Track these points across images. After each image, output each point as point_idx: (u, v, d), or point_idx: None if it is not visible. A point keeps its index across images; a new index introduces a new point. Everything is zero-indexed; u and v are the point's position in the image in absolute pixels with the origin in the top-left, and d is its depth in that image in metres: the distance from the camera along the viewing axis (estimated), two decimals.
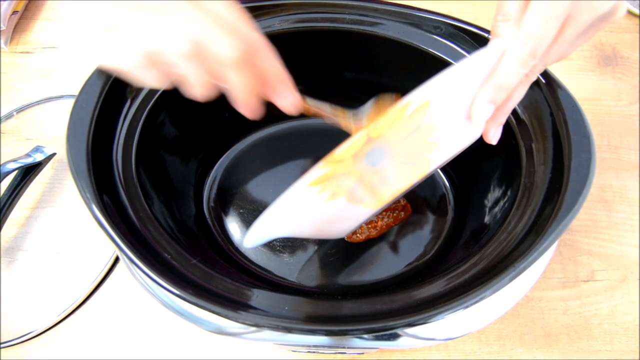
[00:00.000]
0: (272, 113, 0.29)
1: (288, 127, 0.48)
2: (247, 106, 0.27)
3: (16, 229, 0.47)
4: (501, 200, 0.36)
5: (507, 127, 0.36)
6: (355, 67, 0.43)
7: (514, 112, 0.35)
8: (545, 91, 0.34)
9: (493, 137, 0.29)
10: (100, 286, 0.44)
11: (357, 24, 0.38)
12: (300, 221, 0.29)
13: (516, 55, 0.24)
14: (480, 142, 0.42)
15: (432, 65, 0.38)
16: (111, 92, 0.33)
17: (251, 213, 0.43)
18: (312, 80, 0.44)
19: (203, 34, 0.23)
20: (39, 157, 0.47)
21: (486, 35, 0.36)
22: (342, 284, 0.40)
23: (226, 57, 0.23)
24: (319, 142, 0.47)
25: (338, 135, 0.31)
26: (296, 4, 0.38)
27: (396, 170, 0.27)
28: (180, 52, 0.23)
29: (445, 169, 0.45)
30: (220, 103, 0.28)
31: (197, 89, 0.25)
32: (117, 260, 0.45)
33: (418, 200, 0.44)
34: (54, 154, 0.49)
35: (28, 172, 0.47)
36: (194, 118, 0.41)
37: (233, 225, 0.43)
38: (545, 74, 0.34)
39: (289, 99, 0.28)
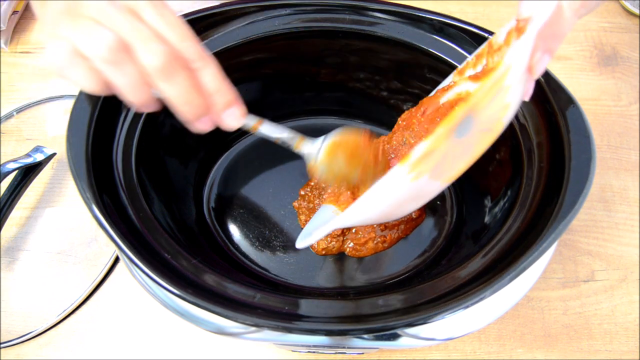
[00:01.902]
0: (271, 114, 0.29)
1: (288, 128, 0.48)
2: (189, 119, 0.25)
3: (16, 229, 0.47)
4: (501, 200, 0.36)
5: (507, 127, 0.36)
6: (355, 67, 0.43)
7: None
8: (545, 91, 0.33)
9: (527, 94, 0.30)
10: (101, 286, 0.44)
11: (357, 24, 0.38)
12: (379, 208, 0.27)
13: (570, 5, 0.27)
14: None
15: (432, 65, 0.38)
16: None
17: (251, 213, 0.43)
18: (311, 80, 0.44)
19: (125, 39, 0.23)
20: (39, 157, 0.47)
21: (486, 35, 0.36)
22: (342, 284, 0.40)
23: (148, 64, 0.23)
24: None
25: None
26: (296, 4, 0.38)
27: (476, 138, 0.26)
28: (100, 55, 0.23)
29: None
30: None
31: (129, 96, 0.24)
32: (117, 260, 0.45)
33: None
34: (54, 154, 0.49)
35: (28, 172, 0.47)
36: None
37: (233, 225, 0.43)
38: (546, 74, 0.34)
39: (231, 122, 0.27)
